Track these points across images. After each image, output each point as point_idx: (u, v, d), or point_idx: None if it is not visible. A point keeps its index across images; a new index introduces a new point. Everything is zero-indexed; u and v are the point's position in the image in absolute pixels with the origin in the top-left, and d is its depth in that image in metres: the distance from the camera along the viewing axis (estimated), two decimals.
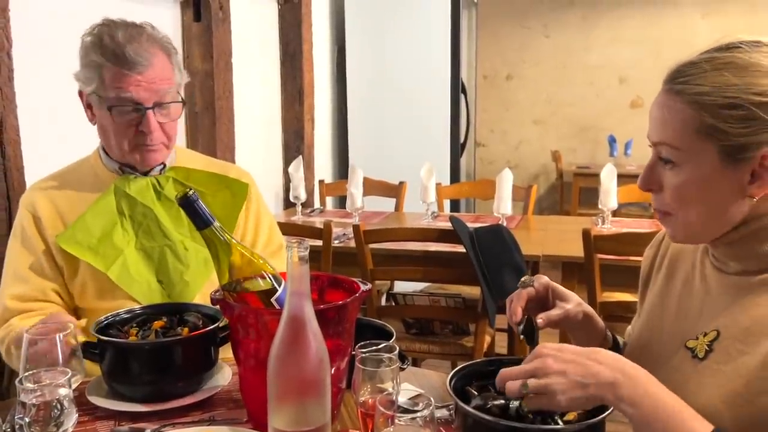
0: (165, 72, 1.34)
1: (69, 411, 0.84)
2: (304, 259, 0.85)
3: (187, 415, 1.08)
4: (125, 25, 1.34)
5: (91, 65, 1.31)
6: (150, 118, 1.32)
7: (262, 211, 1.55)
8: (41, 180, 1.45)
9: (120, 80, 1.29)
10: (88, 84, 1.33)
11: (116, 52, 1.29)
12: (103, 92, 1.31)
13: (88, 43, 1.33)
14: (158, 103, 1.33)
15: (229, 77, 2.91)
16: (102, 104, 1.32)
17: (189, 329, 1.16)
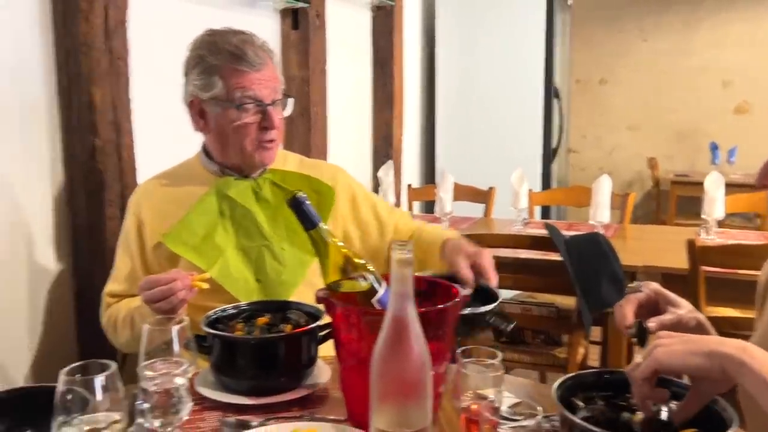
0: (275, 73, 1.43)
1: (185, 400, 0.88)
2: (407, 261, 0.85)
3: (289, 410, 1.11)
4: (233, 32, 1.42)
5: (209, 70, 1.38)
6: (272, 113, 1.39)
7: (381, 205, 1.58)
8: (147, 181, 1.55)
9: (242, 79, 1.36)
10: (206, 90, 1.39)
11: (235, 53, 1.36)
12: (226, 94, 1.37)
13: (202, 51, 1.40)
14: (275, 100, 1.41)
15: (323, 84, 2.98)
16: (224, 106, 1.38)
17: (292, 326, 1.20)
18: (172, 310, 1.20)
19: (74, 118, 1.80)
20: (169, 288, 1.19)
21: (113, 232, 1.85)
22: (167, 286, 1.19)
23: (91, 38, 1.74)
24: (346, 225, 1.54)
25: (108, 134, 1.82)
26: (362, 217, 1.55)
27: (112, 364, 0.82)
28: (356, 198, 1.56)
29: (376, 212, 1.57)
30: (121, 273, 1.44)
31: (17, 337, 1.74)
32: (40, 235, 1.79)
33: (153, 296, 1.20)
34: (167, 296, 1.19)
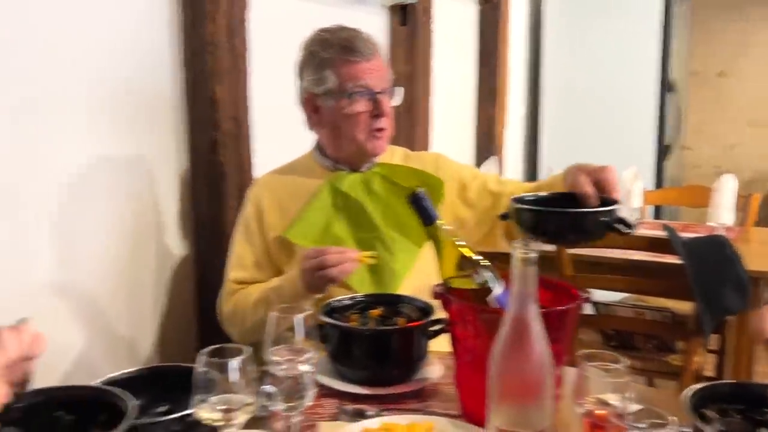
0: (384, 64, 1.49)
1: (309, 386, 0.92)
2: (530, 260, 0.85)
3: (403, 403, 1.13)
4: (342, 28, 1.50)
5: (321, 65, 1.45)
6: (384, 101, 1.44)
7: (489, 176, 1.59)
8: (265, 174, 1.63)
9: (353, 69, 1.42)
10: (319, 85, 1.46)
11: (345, 45, 1.43)
12: (338, 86, 1.43)
13: (314, 48, 1.47)
14: (385, 89, 1.45)
15: (428, 79, 2.99)
16: (337, 98, 1.44)
17: (405, 320, 1.22)
18: (333, 282, 1.26)
19: (198, 112, 1.90)
20: (342, 257, 1.25)
21: (232, 223, 1.95)
22: (339, 255, 1.25)
23: (216, 38, 1.83)
24: (456, 210, 1.55)
25: (228, 128, 1.91)
26: (472, 197, 1.55)
27: (247, 348, 0.86)
28: (463, 180, 1.57)
29: (486, 187, 1.56)
30: (246, 260, 1.52)
31: (143, 319, 1.86)
32: (165, 222, 1.91)
33: (322, 263, 1.25)
34: (340, 262, 1.25)
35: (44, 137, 1.48)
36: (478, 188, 1.55)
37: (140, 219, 1.82)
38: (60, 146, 1.53)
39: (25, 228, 1.46)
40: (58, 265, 1.55)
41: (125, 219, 1.76)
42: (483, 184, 1.57)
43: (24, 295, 1.48)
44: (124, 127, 1.72)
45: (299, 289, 1.32)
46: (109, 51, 1.64)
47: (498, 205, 1.53)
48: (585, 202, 1.20)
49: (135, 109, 1.75)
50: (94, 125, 1.62)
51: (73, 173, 1.57)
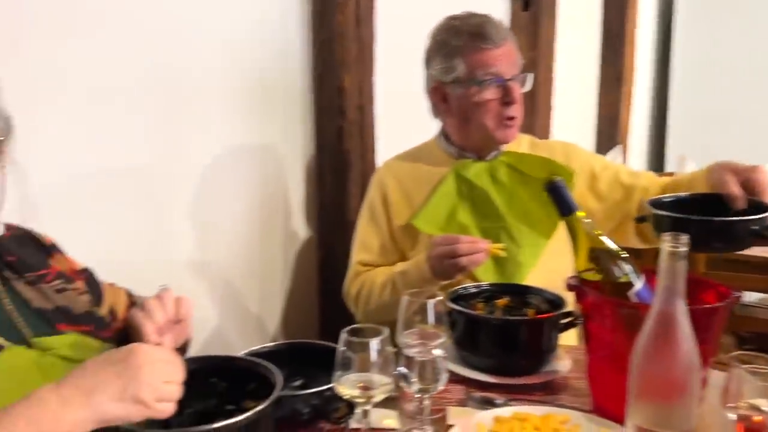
0: (514, 48, 1.47)
1: (443, 371, 0.93)
2: (679, 254, 0.81)
3: (531, 394, 1.12)
4: (472, 15, 1.48)
5: (451, 53, 1.44)
6: (514, 88, 1.42)
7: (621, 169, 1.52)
8: (389, 160, 1.64)
9: (483, 57, 1.41)
10: (448, 73, 1.45)
11: (475, 32, 1.42)
12: (468, 74, 1.42)
13: (443, 36, 1.46)
14: (516, 76, 1.43)
15: (550, 64, 2.90)
16: (466, 86, 1.43)
17: (534, 311, 1.20)
18: (463, 271, 1.27)
19: (325, 101, 1.96)
20: (475, 246, 1.26)
21: (355, 208, 2.00)
22: (472, 244, 1.26)
23: (344, 28, 1.88)
24: (584, 201, 1.49)
25: (353, 117, 1.96)
26: (603, 189, 1.49)
27: (385, 329, 0.89)
28: (594, 170, 1.51)
29: (618, 179, 1.50)
30: (372, 244, 1.55)
31: (271, 297, 1.96)
32: (292, 207, 1.99)
33: (453, 251, 1.26)
34: (471, 252, 1.26)
35: (183, 126, 1.57)
36: (610, 180, 1.49)
37: (269, 204, 1.91)
38: (196, 134, 1.62)
39: (165, 211, 1.57)
40: (195, 247, 1.66)
41: (255, 203, 1.85)
42: (615, 175, 1.50)
43: (164, 272, 1.60)
44: (255, 115, 1.81)
45: (426, 275, 1.33)
46: (242, 42, 1.72)
47: (630, 199, 1.46)
48: (731, 205, 1.12)
49: (266, 98, 1.84)
50: (227, 114, 1.71)
51: (209, 160, 1.67)
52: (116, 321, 1.06)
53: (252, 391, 0.90)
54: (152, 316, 0.87)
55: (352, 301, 1.57)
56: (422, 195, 1.52)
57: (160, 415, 0.73)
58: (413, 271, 1.38)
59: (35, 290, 0.88)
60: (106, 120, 1.37)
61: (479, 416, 0.93)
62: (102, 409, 0.68)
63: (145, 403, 0.70)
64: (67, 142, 1.31)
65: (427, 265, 1.33)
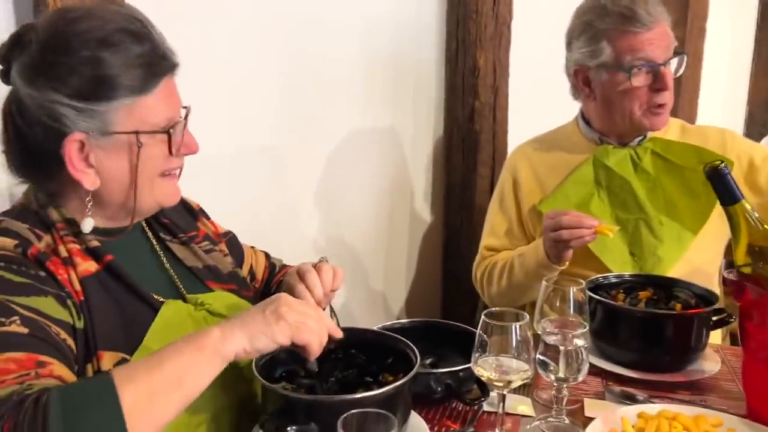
0: (668, 28, 1.35)
1: (585, 361, 0.90)
2: None
3: (674, 392, 1.05)
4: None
5: (597, 36, 1.34)
6: (666, 74, 1.31)
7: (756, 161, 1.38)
8: (524, 143, 1.56)
9: (633, 41, 1.30)
10: (593, 57, 1.35)
11: (625, 14, 1.30)
12: (615, 59, 1.32)
13: (589, 17, 1.35)
14: (668, 60, 1.32)
15: (700, 44, 2.70)
16: (613, 72, 1.34)
17: (681, 306, 1.13)
18: (567, 247, 1.23)
19: (458, 80, 1.94)
20: (578, 220, 1.21)
21: (482, 191, 1.98)
22: (576, 218, 1.22)
23: (481, 5, 1.84)
24: None
25: (486, 97, 1.93)
26: (762, 182, 1.36)
27: (525, 314, 0.87)
28: (753, 161, 1.38)
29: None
30: (499, 229, 1.51)
31: (397, 277, 1.99)
32: (419, 188, 2.00)
33: (558, 223, 1.23)
34: (574, 226, 1.21)
35: (317, 108, 1.61)
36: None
37: (396, 184, 1.93)
38: (329, 116, 1.66)
39: (295, 192, 1.62)
40: (324, 224, 1.71)
41: (384, 184, 1.88)
42: None
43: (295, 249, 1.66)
44: (387, 96, 1.83)
45: (540, 257, 1.29)
46: (377, 20, 1.73)
47: None
48: None
49: (398, 79, 1.84)
50: (360, 95, 1.74)
51: (340, 141, 1.71)
52: (256, 281, 1.12)
53: (390, 365, 0.91)
54: (313, 289, 0.91)
55: (478, 285, 1.55)
56: (556, 181, 1.45)
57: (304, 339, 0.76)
58: (530, 253, 1.34)
59: (188, 250, 0.95)
60: (249, 102, 1.43)
61: (623, 411, 0.89)
62: (253, 333, 0.73)
63: (286, 320, 0.75)
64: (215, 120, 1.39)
65: (543, 246, 1.29)
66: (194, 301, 0.90)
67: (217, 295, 0.94)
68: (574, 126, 1.50)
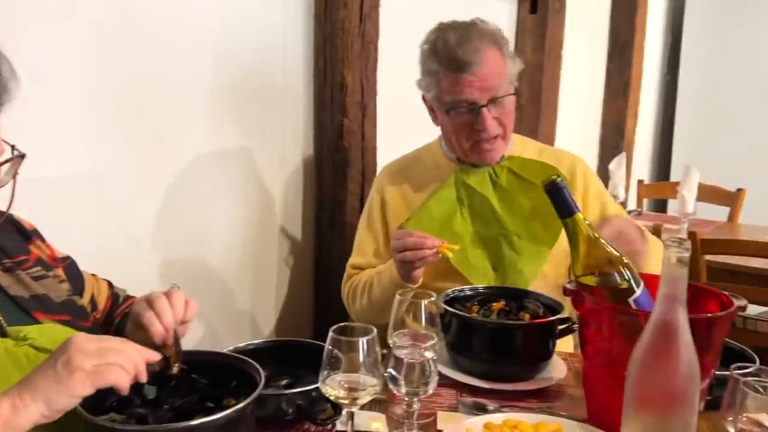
0: (497, 66, 1.35)
1: (434, 373, 0.90)
2: (683, 261, 0.78)
3: (524, 400, 1.08)
4: (455, 27, 1.38)
5: (429, 73, 1.39)
6: (485, 115, 1.34)
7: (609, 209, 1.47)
8: (391, 163, 1.59)
9: (454, 84, 1.34)
10: (428, 91, 1.41)
11: (449, 57, 1.33)
12: (441, 97, 1.37)
13: (425, 51, 1.40)
14: (492, 99, 1.34)
15: (557, 69, 2.87)
16: (441, 108, 1.39)
17: (530, 316, 1.17)
18: (413, 267, 1.25)
19: (327, 97, 1.94)
20: (421, 241, 1.23)
21: (353, 207, 1.97)
22: (420, 239, 1.23)
23: (347, 23, 1.85)
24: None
25: (355, 114, 1.93)
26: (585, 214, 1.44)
27: (373, 329, 0.85)
28: (588, 193, 1.47)
29: (603, 212, 1.46)
30: (367, 248, 1.51)
31: (266, 295, 1.94)
32: (289, 205, 1.96)
33: (403, 245, 1.24)
34: (418, 247, 1.22)
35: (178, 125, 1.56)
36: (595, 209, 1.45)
37: (265, 201, 1.88)
38: (192, 131, 1.60)
39: (158, 208, 1.55)
40: (187, 243, 1.63)
41: (251, 200, 1.82)
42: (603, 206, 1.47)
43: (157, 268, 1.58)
44: (253, 111, 1.78)
45: (394, 277, 1.31)
46: (239, 37, 1.69)
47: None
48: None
49: (265, 94, 1.81)
50: (224, 110, 1.68)
51: (202, 157, 1.64)
52: (97, 311, 1.03)
53: (234, 389, 0.86)
54: (161, 317, 0.85)
55: (345, 302, 1.54)
56: (422, 200, 1.47)
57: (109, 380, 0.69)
58: (386, 272, 1.36)
59: (12, 277, 0.86)
60: (97, 118, 1.35)
61: (469, 422, 0.90)
62: (47, 395, 0.66)
63: (82, 369, 0.68)
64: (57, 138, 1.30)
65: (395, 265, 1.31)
66: (15, 335, 0.81)
67: (44, 328, 0.85)
68: (438, 145, 1.54)
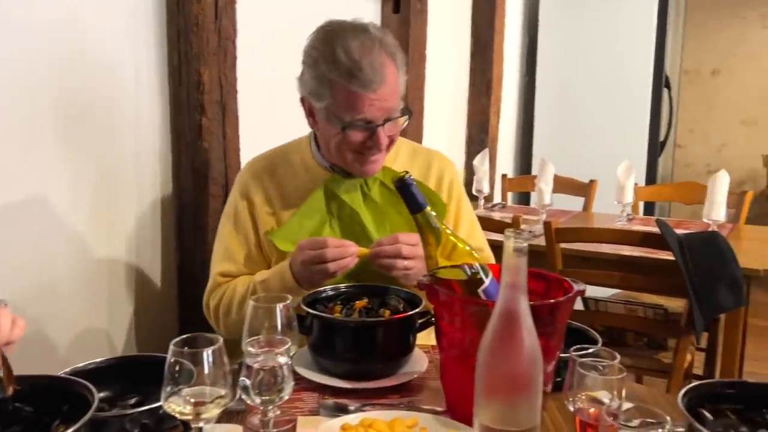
0: (395, 84, 1.29)
1: (288, 379, 0.87)
2: (522, 250, 0.80)
3: (385, 397, 1.09)
4: (355, 32, 1.26)
5: (322, 79, 1.26)
6: (380, 135, 1.28)
7: (463, 213, 1.50)
8: (254, 161, 1.49)
9: (355, 101, 1.24)
10: (318, 99, 1.29)
11: (351, 69, 1.22)
12: (335, 110, 1.27)
13: (321, 54, 1.26)
14: (388, 119, 1.29)
15: (422, 69, 2.94)
16: (332, 121, 1.29)
17: (390, 312, 1.17)
18: (330, 276, 1.20)
19: (183, 96, 1.85)
20: (342, 251, 1.18)
21: (215, 210, 1.89)
22: (340, 249, 1.18)
23: (201, 18, 1.77)
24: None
25: (214, 113, 1.86)
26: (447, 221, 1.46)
27: (219, 338, 0.81)
28: (451, 199, 1.48)
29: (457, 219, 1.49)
30: (237, 254, 1.41)
31: (120, 309, 1.81)
32: (146, 210, 1.85)
33: (321, 256, 1.18)
34: (340, 257, 1.18)
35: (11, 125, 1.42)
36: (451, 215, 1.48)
37: (117, 206, 1.76)
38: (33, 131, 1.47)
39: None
40: (25, 253, 1.49)
41: (103, 208, 1.70)
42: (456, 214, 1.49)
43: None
44: (101, 113, 1.66)
45: (289, 283, 1.25)
46: (85, 29, 1.57)
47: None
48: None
49: (114, 94, 1.69)
50: (68, 107, 1.55)
51: (42, 157, 1.50)
52: None
53: (66, 414, 0.79)
54: None
55: (211, 314, 1.44)
56: (289, 206, 1.39)
57: None
58: (275, 279, 1.29)
59: None
60: None
61: (326, 425, 0.88)
62: None
63: None
64: None
65: (290, 272, 1.25)
66: None
67: None
68: (307, 146, 1.46)
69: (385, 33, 1.31)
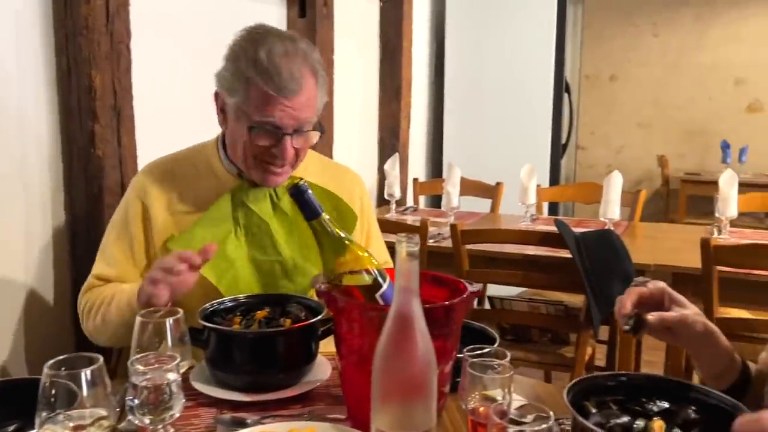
0: (312, 98, 1.27)
1: (177, 396, 0.84)
2: (413, 254, 0.81)
3: (287, 408, 1.07)
4: (283, 39, 1.25)
5: (239, 76, 1.23)
6: (287, 144, 1.25)
7: (372, 231, 1.51)
8: (153, 164, 1.42)
9: (266, 102, 1.21)
10: (231, 94, 1.26)
11: (270, 71, 1.20)
12: (246, 108, 1.24)
13: (244, 51, 1.24)
14: (298, 130, 1.26)
15: (330, 74, 2.93)
16: (241, 119, 1.26)
17: (291, 321, 1.15)
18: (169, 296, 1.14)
19: (74, 102, 1.75)
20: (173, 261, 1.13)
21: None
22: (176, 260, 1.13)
23: (91, 21, 1.69)
24: None
25: (108, 120, 1.78)
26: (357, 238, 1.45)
27: (99, 357, 0.77)
28: (363, 215, 1.47)
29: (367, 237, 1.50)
30: (116, 259, 1.35)
31: (12, 329, 1.70)
32: (35, 222, 1.74)
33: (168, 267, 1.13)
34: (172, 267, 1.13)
35: None
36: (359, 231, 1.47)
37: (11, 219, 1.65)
38: None
39: None
40: None
41: None
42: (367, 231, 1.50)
43: None
44: None
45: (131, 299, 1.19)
46: None
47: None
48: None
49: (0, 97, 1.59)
50: None
51: None
52: None
53: None
54: None
55: (81, 315, 1.36)
56: (192, 211, 1.33)
57: None
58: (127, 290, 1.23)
59: None
60: None
61: None
62: None
63: None
64: None
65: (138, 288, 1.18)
66: None
67: None
68: (214, 151, 1.39)
69: (314, 50, 1.30)
